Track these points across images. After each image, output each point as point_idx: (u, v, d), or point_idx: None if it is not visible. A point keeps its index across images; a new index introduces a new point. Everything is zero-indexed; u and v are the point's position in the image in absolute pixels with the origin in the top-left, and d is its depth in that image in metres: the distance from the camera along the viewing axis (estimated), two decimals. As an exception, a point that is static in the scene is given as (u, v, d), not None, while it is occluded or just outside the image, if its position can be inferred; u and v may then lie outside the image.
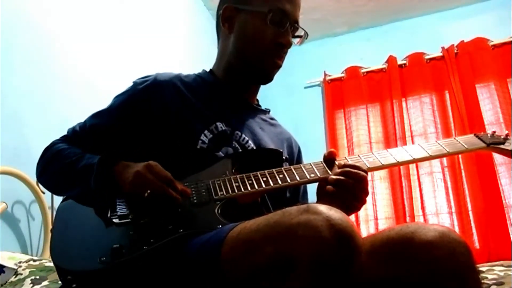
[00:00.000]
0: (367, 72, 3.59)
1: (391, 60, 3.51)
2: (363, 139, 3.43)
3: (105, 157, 0.94)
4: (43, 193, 1.71)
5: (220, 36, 1.17)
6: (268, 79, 1.12)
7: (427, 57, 3.46)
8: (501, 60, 3.21)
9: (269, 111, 1.24)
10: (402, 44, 3.56)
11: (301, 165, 0.96)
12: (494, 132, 1.06)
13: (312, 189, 1.18)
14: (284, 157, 1.01)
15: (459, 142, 1.02)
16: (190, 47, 3.13)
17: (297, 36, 1.14)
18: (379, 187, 3.25)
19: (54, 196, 1.77)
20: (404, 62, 3.51)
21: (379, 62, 3.57)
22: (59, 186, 1.05)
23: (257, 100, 1.23)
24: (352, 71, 3.62)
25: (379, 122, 3.46)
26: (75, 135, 1.08)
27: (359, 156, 0.98)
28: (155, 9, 2.80)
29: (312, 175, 0.93)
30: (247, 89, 1.17)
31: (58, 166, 1.01)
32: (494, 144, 1.03)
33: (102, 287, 0.82)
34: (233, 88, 1.14)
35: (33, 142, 1.73)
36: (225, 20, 1.12)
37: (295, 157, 1.18)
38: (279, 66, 1.11)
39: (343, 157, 0.98)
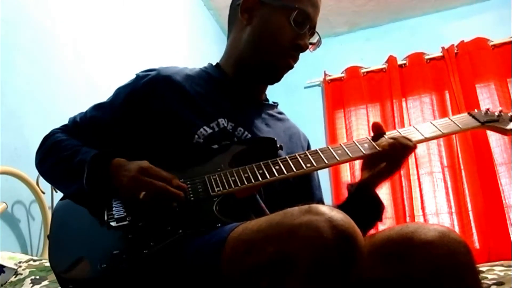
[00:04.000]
0: (367, 72, 3.60)
1: (391, 60, 3.51)
2: (363, 139, 3.43)
3: (98, 155, 0.93)
4: (43, 193, 1.71)
5: (233, 27, 1.13)
6: (276, 78, 1.10)
7: (427, 57, 3.46)
8: (501, 60, 3.22)
9: (277, 105, 1.21)
10: (402, 44, 3.56)
11: (297, 154, 0.95)
12: (488, 109, 1.05)
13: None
14: (278, 145, 0.99)
15: (454, 122, 1.01)
16: (190, 47, 3.13)
17: (311, 43, 1.12)
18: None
19: (54, 196, 1.77)
20: (404, 62, 3.51)
21: (379, 62, 3.57)
22: (56, 179, 1.04)
23: (265, 94, 1.20)
24: (352, 71, 3.62)
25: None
26: (75, 126, 1.07)
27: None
28: (156, 9, 2.80)
29: (308, 165, 0.92)
30: (255, 86, 1.14)
31: (55, 158, 1.00)
32: (489, 122, 1.02)
33: None
34: (240, 83, 1.11)
35: (33, 142, 1.71)
36: (244, 11, 1.08)
37: (305, 150, 1.14)
38: (290, 67, 1.09)
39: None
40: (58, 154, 1.00)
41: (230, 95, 1.09)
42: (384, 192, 3.21)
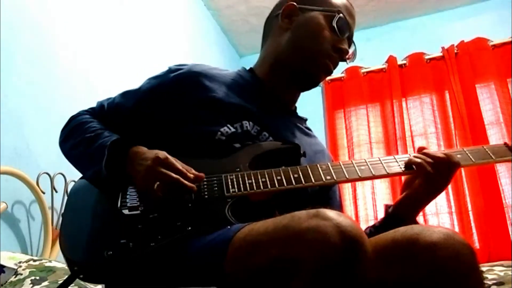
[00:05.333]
0: (367, 72, 3.59)
1: (391, 60, 3.51)
2: (363, 139, 3.43)
3: (118, 141, 0.93)
4: (43, 193, 1.71)
5: (269, 37, 1.15)
6: (314, 82, 1.10)
7: (427, 57, 3.45)
8: (501, 60, 3.21)
9: (306, 120, 1.21)
10: (402, 44, 3.56)
11: (318, 165, 0.93)
12: None
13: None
14: (302, 152, 0.98)
15: (487, 152, 0.96)
16: (190, 47, 3.12)
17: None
18: (379, 187, 3.25)
19: (54, 196, 1.77)
20: (404, 62, 3.51)
21: (379, 62, 3.57)
22: (76, 160, 1.05)
23: (295, 107, 1.20)
24: (352, 71, 3.62)
25: (379, 122, 3.46)
26: (101, 111, 1.09)
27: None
28: (155, 9, 2.80)
29: (328, 177, 0.91)
30: (288, 92, 1.14)
31: (77, 139, 1.01)
32: None
33: (107, 279, 0.83)
34: (273, 88, 1.11)
35: (33, 142, 1.72)
36: (285, 17, 1.10)
37: None
38: (329, 71, 1.08)
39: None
40: (80, 135, 1.01)
41: (260, 99, 1.09)
42: (384, 192, 3.22)
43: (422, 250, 0.75)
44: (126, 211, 0.87)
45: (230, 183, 0.90)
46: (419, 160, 0.93)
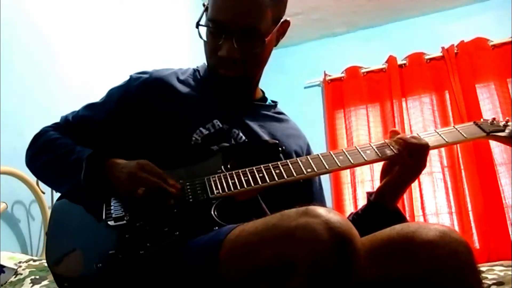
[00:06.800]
0: (367, 72, 3.60)
1: (391, 60, 3.51)
2: (363, 139, 3.43)
3: (94, 153, 0.93)
4: (43, 193, 1.71)
5: None
6: (235, 89, 1.05)
7: (427, 57, 3.46)
8: (501, 60, 3.22)
9: (276, 104, 1.18)
10: (402, 44, 3.56)
11: (298, 159, 0.94)
12: (494, 119, 1.04)
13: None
14: (280, 148, 0.98)
15: (458, 131, 1.00)
16: (190, 48, 3.12)
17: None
18: (379, 187, 3.25)
19: (54, 196, 1.77)
20: (404, 62, 3.51)
21: (379, 62, 3.58)
22: (49, 178, 1.04)
23: (262, 92, 1.17)
24: (352, 71, 3.62)
25: (379, 122, 3.46)
26: (67, 125, 1.07)
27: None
28: (155, 10, 2.80)
29: (309, 170, 0.91)
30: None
31: (48, 156, 1.00)
32: (494, 132, 1.01)
33: None
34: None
35: (33, 142, 1.73)
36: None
37: (304, 153, 1.13)
38: (227, 79, 1.01)
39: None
40: (52, 152, 0.99)
41: (221, 96, 1.08)
42: (384, 192, 3.21)
43: (418, 248, 0.75)
44: (111, 222, 0.86)
45: (213, 185, 0.90)
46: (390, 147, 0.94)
